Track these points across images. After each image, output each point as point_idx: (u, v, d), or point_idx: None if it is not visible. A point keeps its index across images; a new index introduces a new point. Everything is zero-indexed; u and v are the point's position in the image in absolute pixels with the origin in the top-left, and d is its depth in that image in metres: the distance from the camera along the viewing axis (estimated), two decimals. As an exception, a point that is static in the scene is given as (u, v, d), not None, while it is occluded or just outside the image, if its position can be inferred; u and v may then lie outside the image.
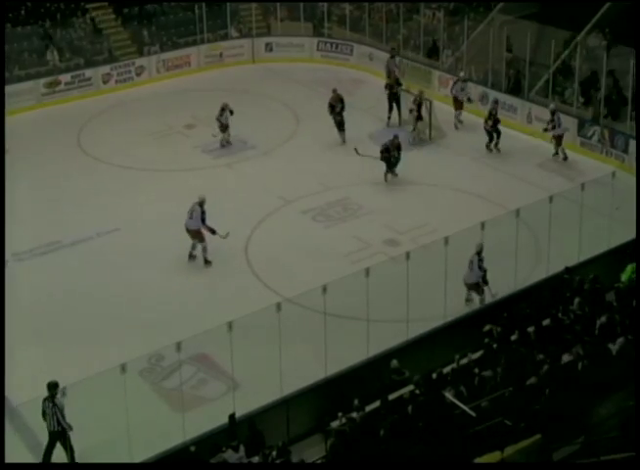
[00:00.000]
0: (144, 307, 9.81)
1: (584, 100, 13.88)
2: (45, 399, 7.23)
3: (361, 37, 17.65)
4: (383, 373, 7.89)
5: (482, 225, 8.97)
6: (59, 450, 7.36)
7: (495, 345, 7.90)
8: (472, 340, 8.11)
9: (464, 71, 15.12)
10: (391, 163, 12.49)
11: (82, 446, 7.39)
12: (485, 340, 8.04)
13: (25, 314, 9.61)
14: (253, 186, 12.76)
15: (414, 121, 14.09)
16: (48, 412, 7.24)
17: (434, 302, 9.05)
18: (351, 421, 7.13)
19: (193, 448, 6.94)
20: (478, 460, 5.81)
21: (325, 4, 18.10)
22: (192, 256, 10.63)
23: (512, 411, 6.36)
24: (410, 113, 14.18)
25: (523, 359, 7.45)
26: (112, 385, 7.03)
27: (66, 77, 16.20)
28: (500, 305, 8.83)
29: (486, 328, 8.18)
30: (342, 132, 13.85)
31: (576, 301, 8.45)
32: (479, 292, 9.43)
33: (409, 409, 7.00)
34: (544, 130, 13.21)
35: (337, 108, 13.69)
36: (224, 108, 13.64)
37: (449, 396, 6.87)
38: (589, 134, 13.55)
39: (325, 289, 7.81)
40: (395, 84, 14.68)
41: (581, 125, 13.65)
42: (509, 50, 15.14)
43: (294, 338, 8.18)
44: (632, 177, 11.63)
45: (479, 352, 7.91)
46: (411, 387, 7.48)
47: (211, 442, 7.05)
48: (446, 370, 7.67)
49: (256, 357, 8.23)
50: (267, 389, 7.81)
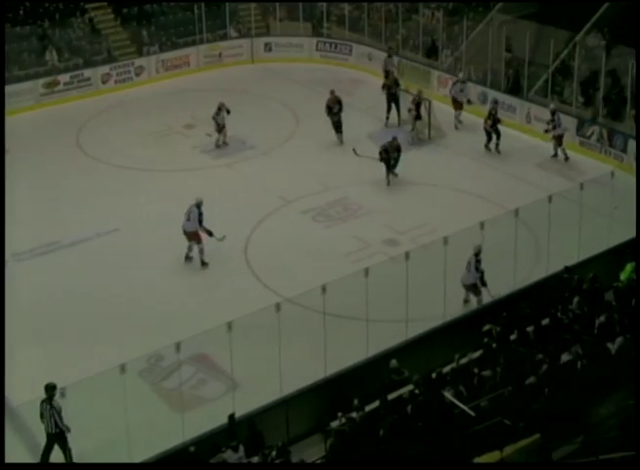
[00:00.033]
0: (143, 308, 9.82)
1: (584, 100, 13.87)
2: (43, 400, 7.22)
3: (360, 37, 17.65)
4: (382, 373, 7.90)
5: (482, 225, 8.98)
6: (57, 452, 7.35)
7: (495, 344, 7.91)
8: (471, 340, 8.11)
9: (463, 72, 15.10)
10: (391, 164, 12.50)
11: (82, 447, 7.39)
12: (485, 339, 8.04)
13: (25, 315, 9.60)
14: (253, 186, 12.76)
15: (413, 121, 14.08)
16: (46, 414, 7.24)
17: (433, 301, 9.05)
18: (351, 421, 7.13)
19: (192, 449, 6.94)
20: (477, 460, 5.81)
21: (324, 4, 18.09)
22: (188, 257, 10.62)
23: (511, 411, 6.36)
24: (409, 112, 14.19)
25: (522, 359, 7.45)
26: (111, 385, 7.03)
27: (65, 78, 16.19)
28: (499, 305, 8.83)
29: (486, 328, 8.18)
30: (339, 134, 13.81)
31: (576, 300, 8.46)
32: (476, 293, 9.44)
33: (408, 409, 7.00)
34: (545, 131, 13.16)
35: (334, 109, 13.67)
36: (220, 107, 13.59)
37: (449, 395, 6.88)
38: (588, 134, 13.55)
39: (324, 289, 7.82)
40: (394, 85, 14.66)
41: (580, 125, 13.65)
42: (509, 50, 15.13)
43: (293, 338, 8.18)
44: (631, 177, 11.64)
45: (478, 352, 7.91)
46: (410, 387, 7.48)
47: (211, 442, 7.06)
48: (446, 370, 7.67)
49: (256, 357, 8.23)
50: (267, 389, 7.81)
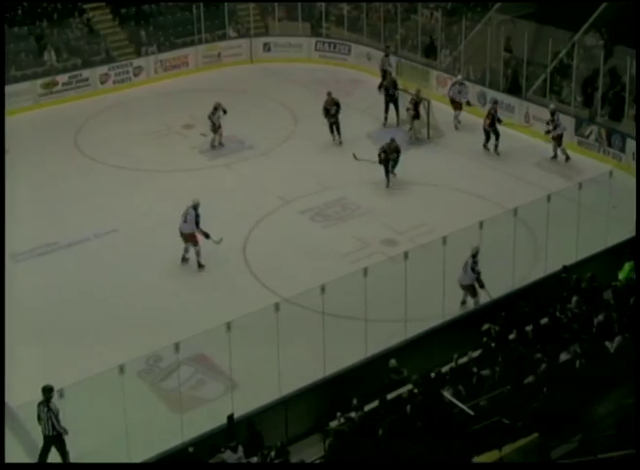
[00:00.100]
0: (142, 308, 9.81)
1: (584, 99, 13.82)
2: (40, 403, 7.20)
3: (359, 37, 17.63)
4: (381, 373, 7.90)
5: (481, 225, 8.98)
6: (54, 455, 7.33)
7: (493, 344, 7.91)
8: (470, 339, 8.11)
9: (461, 74, 15.08)
10: (390, 165, 12.47)
11: (81, 448, 7.38)
12: (484, 339, 8.05)
13: (23, 315, 9.59)
14: (251, 186, 12.76)
15: (410, 120, 14.08)
16: (43, 416, 7.21)
17: (432, 301, 9.06)
18: (350, 421, 7.13)
19: (191, 449, 6.94)
20: (476, 459, 5.81)
21: (323, 4, 18.06)
22: (185, 259, 10.59)
23: (510, 410, 6.37)
24: (407, 112, 14.18)
25: (521, 358, 7.45)
26: (110, 386, 7.02)
27: (63, 78, 16.16)
28: (498, 305, 8.84)
29: (485, 327, 8.18)
30: (334, 134, 13.73)
31: (574, 299, 8.46)
32: (472, 294, 9.42)
33: (408, 409, 7.00)
34: (547, 132, 13.08)
35: (331, 111, 13.64)
36: (217, 107, 13.53)
37: (447, 395, 6.88)
38: (586, 133, 13.56)
39: (323, 289, 7.82)
40: (392, 86, 14.63)
41: (579, 125, 13.66)
42: (508, 50, 15.11)
43: (292, 338, 8.20)
44: (629, 176, 11.64)
45: (477, 352, 7.91)
46: (409, 386, 7.48)
47: (210, 442, 7.05)
48: (445, 369, 7.67)
49: (255, 358, 8.24)
50: (266, 389, 7.81)
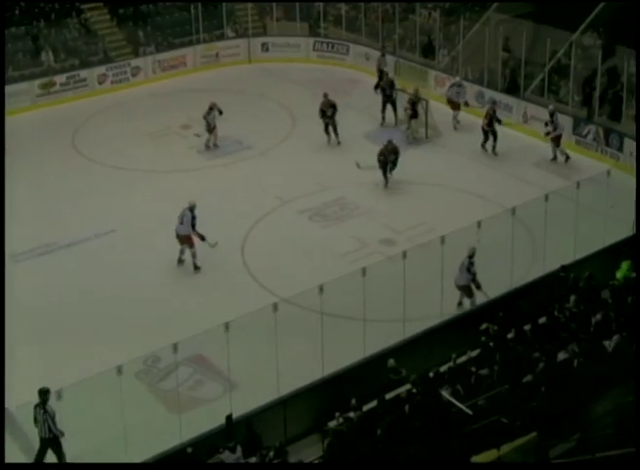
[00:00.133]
0: (140, 309, 9.79)
1: (583, 99, 13.75)
2: (36, 405, 7.17)
3: (357, 37, 17.64)
4: (380, 372, 7.89)
5: (479, 224, 8.98)
6: (50, 457, 7.30)
7: (492, 343, 7.91)
8: (468, 338, 8.11)
9: (459, 75, 15.09)
10: (388, 167, 12.41)
11: (79, 449, 7.37)
12: (482, 338, 8.05)
13: (20, 317, 9.57)
14: (250, 186, 12.75)
15: (408, 119, 14.09)
16: (39, 419, 7.18)
17: (430, 301, 9.06)
18: (349, 421, 7.12)
19: (190, 450, 6.93)
20: (474, 458, 5.81)
21: (321, 4, 18.08)
22: (181, 260, 10.56)
23: (508, 409, 6.37)
24: (405, 111, 14.18)
25: (519, 357, 7.45)
26: (108, 387, 7.01)
27: (61, 78, 16.15)
28: (497, 304, 8.84)
29: (483, 326, 8.18)
30: (329, 135, 13.69)
31: (572, 298, 8.47)
32: (468, 294, 9.41)
33: (406, 408, 6.99)
34: (547, 134, 13.02)
35: (327, 112, 13.61)
36: (212, 107, 13.46)
37: (446, 394, 6.88)
38: (584, 133, 13.57)
39: (322, 289, 7.82)
40: (389, 87, 14.61)
41: (577, 124, 13.67)
42: (507, 50, 15.10)
43: (290, 338, 8.19)
44: (627, 176, 11.66)
45: (475, 351, 7.91)
46: (408, 386, 7.49)
47: (209, 443, 7.05)
48: (443, 369, 7.67)
49: (253, 358, 8.24)
50: (264, 389, 7.80)
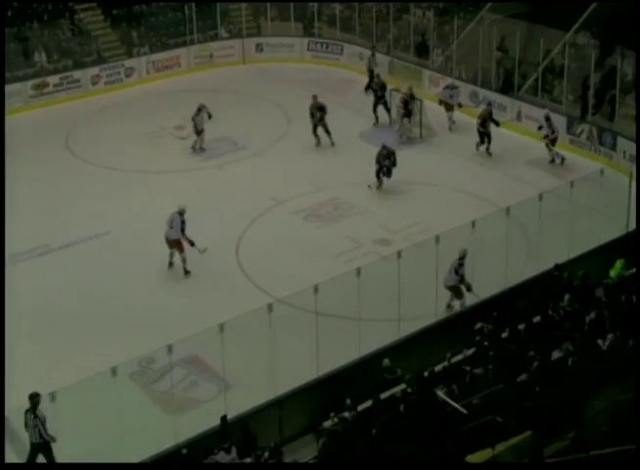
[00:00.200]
0: (134, 310, 9.77)
1: (582, 99, 13.71)
2: (27, 410, 7.11)
3: (351, 37, 17.66)
4: (375, 372, 7.89)
5: (473, 224, 9.00)
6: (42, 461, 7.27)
7: (486, 342, 7.92)
8: (463, 338, 8.12)
9: (453, 78, 15.12)
10: (383, 171, 12.30)
11: (73, 450, 7.33)
12: (477, 338, 8.06)
13: (17, 317, 9.53)
14: (244, 187, 12.73)
15: (400, 118, 14.10)
16: (30, 424, 7.12)
17: (425, 300, 9.08)
18: (343, 421, 7.11)
19: (185, 451, 6.91)
20: (469, 457, 5.81)
21: (315, 4, 18.08)
22: (171, 264, 10.51)
23: (503, 408, 6.37)
24: (397, 110, 14.19)
25: (513, 356, 7.46)
26: (102, 388, 6.99)
27: (54, 79, 16.10)
28: (491, 303, 8.86)
29: (478, 326, 8.19)
30: (317, 137, 13.63)
31: (566, 297, 8.48)
32: (457, 295, 9.40)
33: (401, 408, 6.99)
34: (545, 137, 12.96)
35: (315, 115, 13.57)
36: (200, 108, 13.35)
37: (441, 394, 6.88)
38: (578, 132, 13.61)
39: (317, 289, 7.82)
40: (380, 88, 14.56)
41: (570, 123, 13.71)
42: (503, 50, 15.09)
43: (285, 338, 8.18)
44: (620, 174, 11.70)
45: (470, 350, 7.92)
46: (403, 386, 7.48)
47: (203, 444, 7.03)
48: (438, 368, 7.67)
49: (248, 358, 8.23)
50: (259, 390, 7.79)
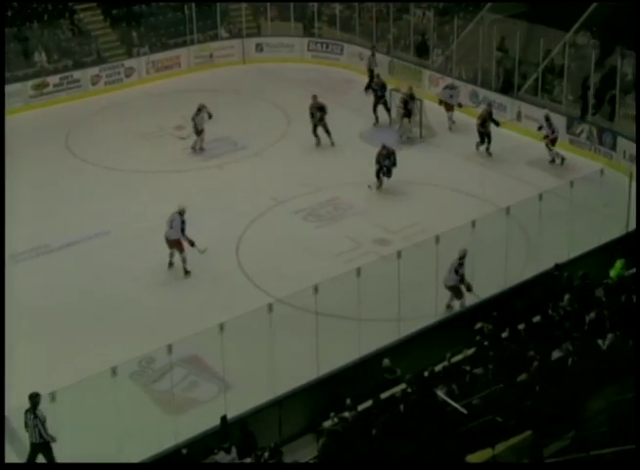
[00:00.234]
0: (134, 310, 9.77)
1: (583, 99, 13.72)
2: (27, 410, 7.11)
3: (351, 37, 17.67)
4: (375, 372, 7.89)
5: (473, 224, 9.00)
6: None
7: (486, 342, 7.92)
8: (463, 338, 8.12)
9: (452, 77, 15.11)
10: (383, 171, 12.27)
11: (73, 450, 7.33)
12: (477, 337, 8.06)
13: (16, 318, 9.52)
14: (244, 187, 12.73)
15: (399, 118, 14.10)
16: (30, 424, 7.12)
17: (425, 300, 9.08)
18: (344, 421, 7.11)
19: (185, 451, 6.91)
20: (469, 457, 5.81)
21: (315, 4, 18.09)
22: (171, 263, 10.50)
23: (503, 408, 6.37)
24: (397, 110, 14.19)
25: (513, 356, 7.46)
26: (102, 388, 6.99)
27: (54, 79, 16.10)
28: (491, 303, 8.85)
29: (478, 326, 8.19)
30: (317, 137, 13.63)
31: (566, 297, 8.48)
32: (457, 295, 9.40)
33: (401, 408, 6.99)
34: (545, 137, 12.95)
35: (315, 115, 13.57)
36: (200, 108, 13.35)
37: (441, 394, 6.88)
38: (578, 132, 13.61)
39: (316, 289, 7.82)
40: (380, 88, 14.55)
41: (570, 123, 13.71)
42: (504, 50, 15.08)
43: (285, 338, 8.18)
44: (620, 174, 11.70)
45: (470, 350, 7.92)
46: (403, 386, 7.48)
47: (203, 444, 7.03)
48: (438, 368, 7.67)
49: (248, 358, 8.22)
50: (259, 390, 7.79)
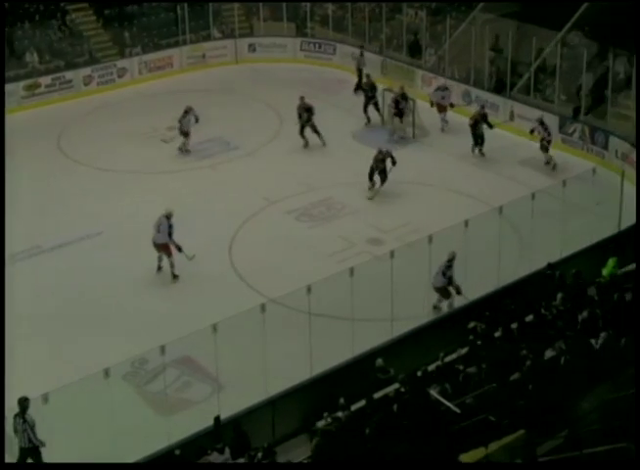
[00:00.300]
0: (126, 311, 9.74)
1: (575, 100, 13.80)
2: (16, 414, 7.04)
3: (344, 37, 17.68)
4: (368, 372, 7.89)
5: (466, 223, 9.01)
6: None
7: (479, 341, 7.93)
8: (456, 337, 8.13)
9: (445, 77, 15.15)
10: (374, 175, 12.24)
11: (66, 452, 7.29)
12: (470, 337, 8.07)
13: (11, 320, 9.47)
14: (237, 187, 12.71)
15: (390, 118, 14.11)
16: (19, 428, 7.05)
17: (418, 300, 9.09)
18: (337, 420, 7.10)
19: (178, 452, 6.89)
20: (462, 457, 5.82)
21: (308, 4, 18.09)
22: (160, 267, 10.39)
23: (496, 407, 6.38)
24: (388, 110, 14.21)
25: (506, 355, 7.48)
26: (95, 389, 6.96)
27: (46, 80, 16.02)
28: (484, 302, 8.87)
29: (471, 325, 8.20)
30: (304, 138, 13.59)
31: (559, 296, 8.51)
32: (444, 296, 9.40)
33: (394, 408, 6.99)
34: (541, 140, 12.93)
35: (303, 116, 13.53)
36: (187, 111, 13.28)
37: (434, 393, 6.88)
38: (570, 131, 13.67)
39: (309, 289, 7.81)
40: (370, 89, 14.54)
41: (563, 122, 13.77)
42: (498, 50, 15.12)
43: (278, 338, 8.16)
44: (612, 173, 11.76)
45: (463, 350, 7.93)
46: (396, 385, 7.48)
47: (197, 444, 7.01)
48: (431, 368, 7.68)
49: (241, 359, 8.21)
50: (252, 390, 7.78)
